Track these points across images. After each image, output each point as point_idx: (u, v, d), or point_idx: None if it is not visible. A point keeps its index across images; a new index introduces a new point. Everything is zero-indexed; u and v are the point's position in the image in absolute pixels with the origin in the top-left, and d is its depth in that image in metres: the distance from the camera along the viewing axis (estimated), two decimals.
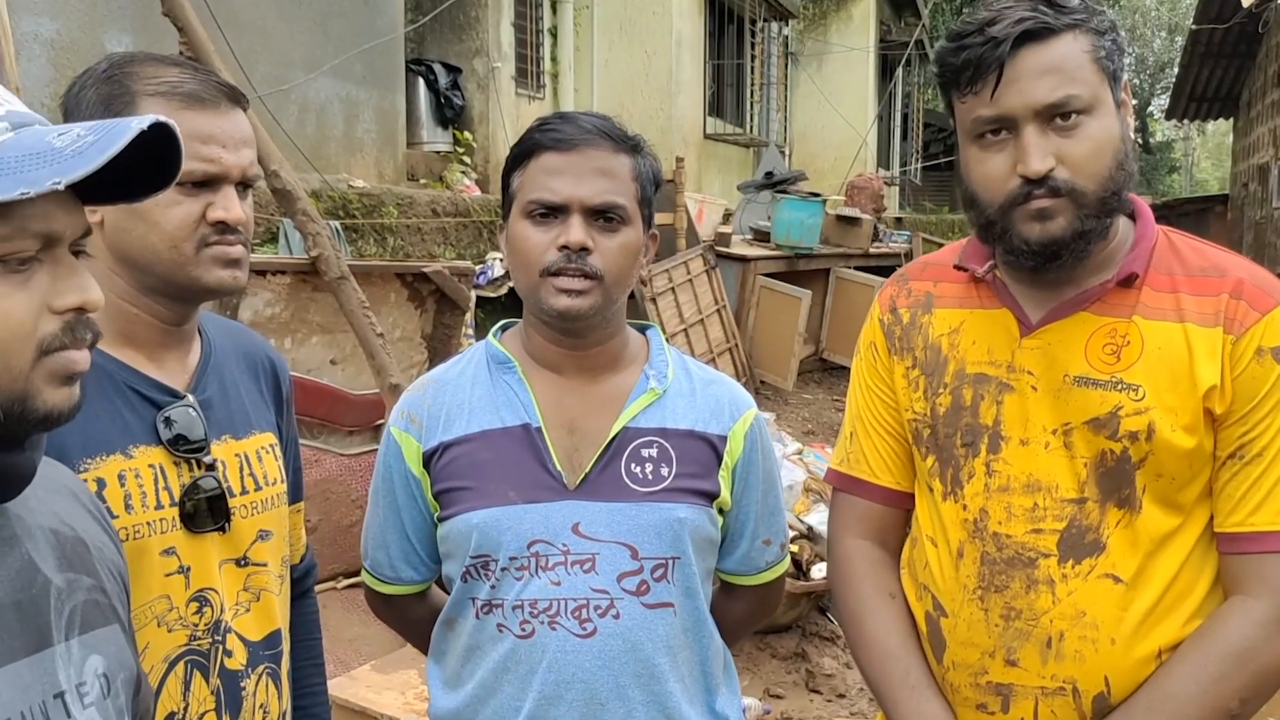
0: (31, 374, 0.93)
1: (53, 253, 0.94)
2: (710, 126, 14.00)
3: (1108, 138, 1.47)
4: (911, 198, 21.72)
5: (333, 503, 4.67)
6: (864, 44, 17.98)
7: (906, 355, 1.69)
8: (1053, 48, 1.46)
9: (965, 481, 1.60)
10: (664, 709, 1.61)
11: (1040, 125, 1.46)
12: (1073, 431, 1.53)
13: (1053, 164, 1.45)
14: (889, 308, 1.74)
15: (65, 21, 5.50)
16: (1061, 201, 1.46)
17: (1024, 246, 1.49)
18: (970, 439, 1.60)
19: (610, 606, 1.57)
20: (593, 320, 1.60)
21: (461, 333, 5.48)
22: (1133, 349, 1.52)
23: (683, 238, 8.93)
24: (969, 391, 1.60)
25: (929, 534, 1.67)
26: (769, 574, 1.80)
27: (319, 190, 6.23)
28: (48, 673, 0.96)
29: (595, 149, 1.58)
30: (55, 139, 0.91)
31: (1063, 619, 1.52)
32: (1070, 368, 1.54)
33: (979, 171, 1.52)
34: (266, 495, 1.58)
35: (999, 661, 1.56)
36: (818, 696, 4.82)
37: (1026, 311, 1.58)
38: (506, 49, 10.70)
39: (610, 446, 1.61)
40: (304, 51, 7.06)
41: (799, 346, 9.51)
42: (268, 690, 1.56)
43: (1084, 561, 1.52)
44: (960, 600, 1.60)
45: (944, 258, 1.74)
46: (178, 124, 1.40)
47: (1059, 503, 1.54)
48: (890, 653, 1.66)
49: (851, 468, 1.77)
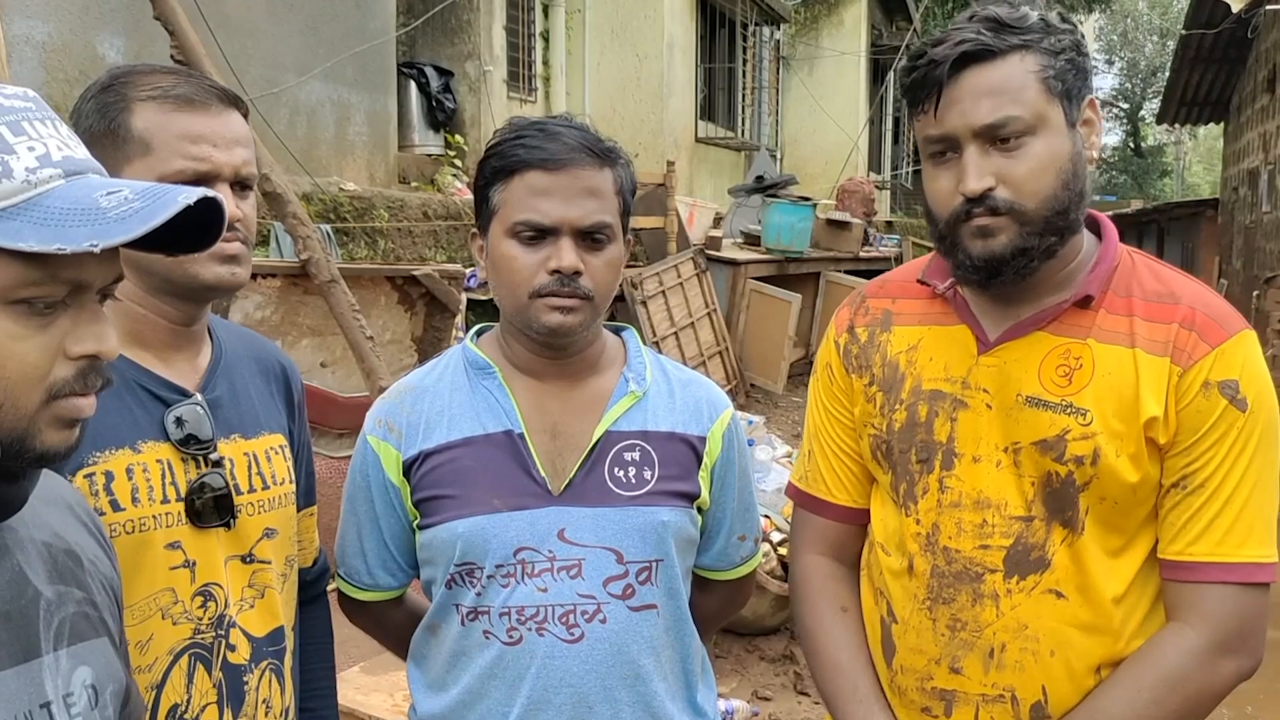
0: (37, 415, 0.94)
1: (79, 298, 0.96)
2: (702, 130, 14.03)
3: (1051, 157, 1.48)
4: (902, 201, 21.77)
5: (322, 505, 4.65)
6: (855, 48, 18.03)
7: (865, 373, 1.71)
8: (995, 69, 1.47)
9: (919, 496, 1.62)
10: (649, 708, 1.63)
11: (981, 145, 1.47)
12: (1021, 451, 1.54)
13: (991, 184, 1.47)
14: (845, 328, 1.76)
15: (57, 24, 5.51)
16: (1003, 220, 1.47)
17: (967, 261, 1.51)
18: (925, 455, 1.61)
19: (597, 611, 1.59)
20: (580, 334, 1.62)
21: (452, 336, 5.49)
22: (1084, 372, 1.53)
23: (674, 241, 8.95)
24: (924, 408, 1.62)
25: (881, 541, 1.70)
26: (743, 568, 1.84)
27: (310, 193, 6.24)
28: (35, 683, 0.97)
29: (581, 168, 1.57)
30: (103, 198, 0.92)
31: (1005, 631, 1.56)
32: (1023, 387, 1.55)
33: (931, 189, 1.55)
34: (275, 494, 1.60)
35: (944, 669, 1.60)
36: (805, 698, 4.84)
37: (985, 329, 1.59)
38: (498, 52, 10.72)
39: (593, 451, 1.62)
40: (295, 54, 7.07)
41: (789, 350, 9.54)
42: (270, 686, 1.58)
43: (1029, 578, 1.55)
44: (910, 609, 1.63)
45: (903, 275, 1.76)
46: (167, 127, 1.44)
47: (1007, 520, 1.56)
48: (840, 667, 1.71)
49: (810, 486, 1.81)
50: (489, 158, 1.61)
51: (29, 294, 0.91)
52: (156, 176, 1.43)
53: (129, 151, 1.44)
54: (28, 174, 0.91)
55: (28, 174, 0.91)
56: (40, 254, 0.89)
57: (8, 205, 0.90)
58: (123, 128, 1.44)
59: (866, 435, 1.70)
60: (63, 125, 0.98)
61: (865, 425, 1.70)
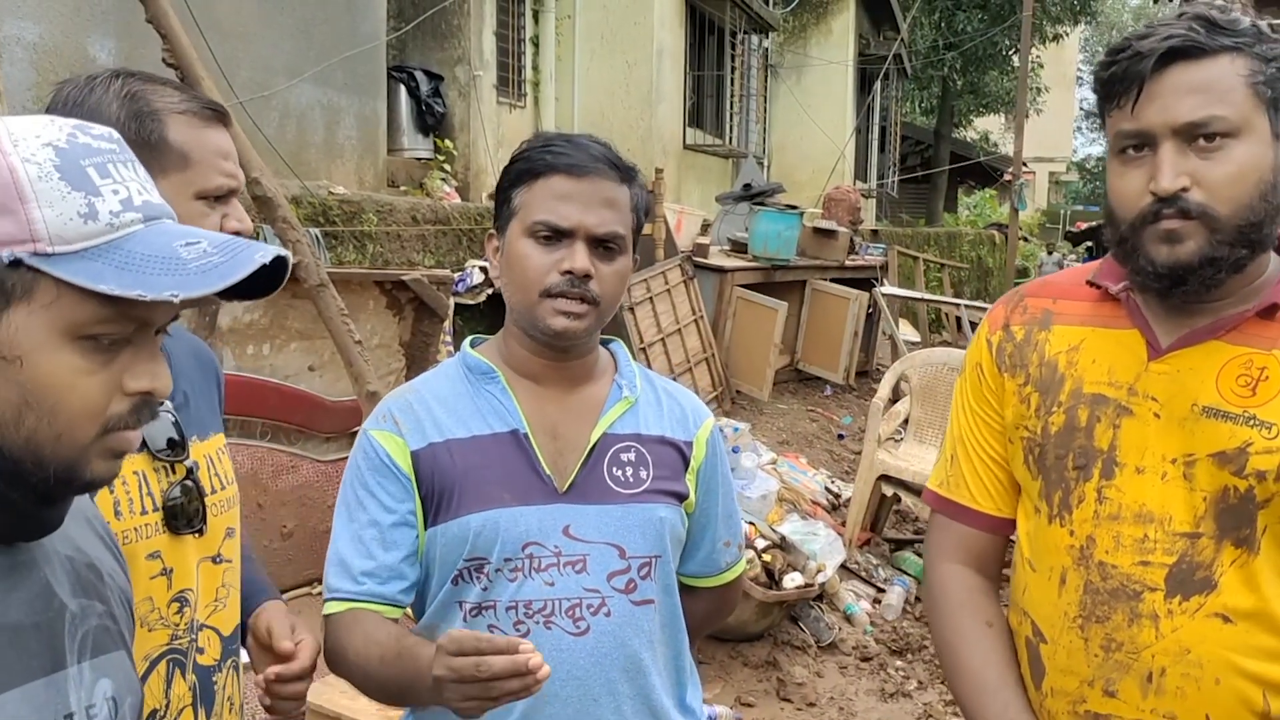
0: (90, 447, 0.97)
1: (141, 335, 0.99)
2: (690, 137, 14.06)
3: (1253, 165, 1.41)
4: (889, 210, 21.84)
5: (309, 508, 4.69)
6: (843, 57, 18.08)
7: (1019, 372, 1.64)
8: (1203, 67, 1.41)
9: (1075, 506, 1.55)
10: (647, 701, 1.68)
11: (1179, 144, 1.41)
12: (1196, 463, 1.46)
13: (1186, 184, 1.40)
14: (1000, 325, 1.69)
15: (49, 26, 5.50)
16: (1192, 224, 1.41)
17: (1149, 267, 1.45)
18: (1083, 462, 1.54)
19: (602, 605, 1.64)
20: (583, 340, 1.67)
21: (440, 340, 5.51)
22: (1271, 384, 1.44)
23: (661, 248, 8.97)
24: (1084, 412, 1.55)
25: (1029, 557, 1.62)
26: (729, 574, 1.90)
27: (299, 196, 6.24)
28: (60, 694, 1.00)
29: (603, 178, 1.64)
30: (183, 248, 0.96)
31: (1165, 655, 1.47)
32: (1200, 397, 1.47)
33: (1116, 186, 1.49)
34: (230, 495, 1.64)
35: (1097, 691, 1.53)
36: (788, 705, 4.87)
37: (1158, 335, 1.52)
38: (488, 57, 10.73)
39: (592, 452, 1.68)
40: (286, 58, 7.07)
41: (775, 357, 9.57)
42: (234, 683, 1.63)
43: (1192, 599, 1.46)
44: (1060, 627, 1.56)
45: (1067, 278, 1.70)
46: (203, 142, 1.51)
47: (1170, 536, 1.48)
48: (988, 685, 1.62)
49: (951, 491, 1.74)
50: (515, 161, 1.68)
51: (99, 330, 0.95)
52: (196, 190, 1.49)
53: (165, 163, 1.47)
54: (111, 217, 0.95)
55: (111, 217, 0.95)
56: (117, 295, 0.92)
57: (90, 246, 0.93)
58: (161, 140, 1.48)
59: (1018, 439, 1.64)
60: (140, 168, 1.02)
61: (1017, 428, 1.64)
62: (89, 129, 0.99)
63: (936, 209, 23.03)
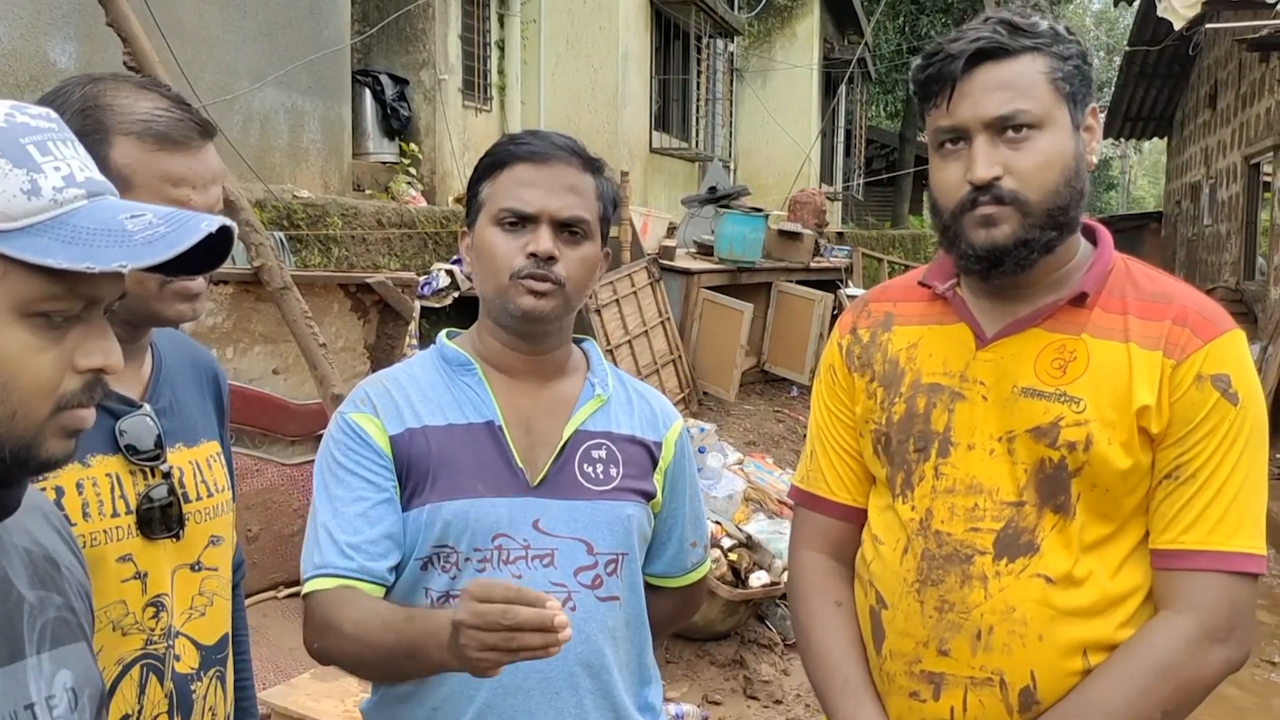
0: (44, 426, 0.98)
1: (90, 313, 0.99)
2: (656, 141, 14.09)
3: (1057, 154, 1.55)
4: (854, 213, 21.97)
5: (274, 512, 4.67)
6: (808, 61, 18.18)
7: (866, 371, 1.77)
8: (1008, 66, 1.55)
9: (916, 484, 1.67)
10: (609, 697, 1.69)
11: (990, 136, 1.54)
12: (1016, 439, 1.60)
13: (998, 172, 1.53)
14: (848, 330, 1.83)
15: (7, 28, 5.46)
16: (1006, 209, 1.54)
17: (970, 250, 1.57)
18: (922, 444, 1.67)
19: (568, 599, 1.64)
20: (551, 324, 1.69)
21: (405, 343, 5.50)
22: (1079, 364, 1.58)
23: (628, 251, 8.99)
24: (923, 400, 1.67)
25: (876, 533, 1.74)
26: (695, 574, 1.92)
27: (263, 200, 6.22)
28: (19, 684, 1.00)
29: (566, 165, 1.68)
30: (128, 220, 0.96)
31: (993, 613, 1.59)
32: (1019, 379, 1.60)
33: (938, 179, 1.61)
34: (218, 502, 1.62)
35: (932, 651, 1.63)
36: (755, 703, 4.90)
37: (983, 326, 1.65)
38: (454, 61, 10.71)
39: (564, 448, 1.70)
40: (249, 61, 7.04)
41: (741, 358, 9.62)
42: (216, 693, 1.61)
43: (1018, 560, 1.59)
44: (900, 593, 1.67)
45: (904, 281, 1.84)
46: (149, 166, 1.46)
47: (998, 504, 1.61)
48: (832, 661, 1.74)
49: (811, 485, 1.85)
50: (483, 159, 1.72)
51: (49, 308, 0.95)
52: None
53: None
54: (55, 193, 0.95)
55: (55, 193, 0.95)
56: (65, 270, 0.92)
57: (35, 222, 0.93)
58: (102, 160, 1.42)
59: (867, 431, 1.75)
60: (80, 147, 1.02)
61: (866, 422, 1.75)
62: (26, 109, 0.99)
63: (901, 212, 23.18)
